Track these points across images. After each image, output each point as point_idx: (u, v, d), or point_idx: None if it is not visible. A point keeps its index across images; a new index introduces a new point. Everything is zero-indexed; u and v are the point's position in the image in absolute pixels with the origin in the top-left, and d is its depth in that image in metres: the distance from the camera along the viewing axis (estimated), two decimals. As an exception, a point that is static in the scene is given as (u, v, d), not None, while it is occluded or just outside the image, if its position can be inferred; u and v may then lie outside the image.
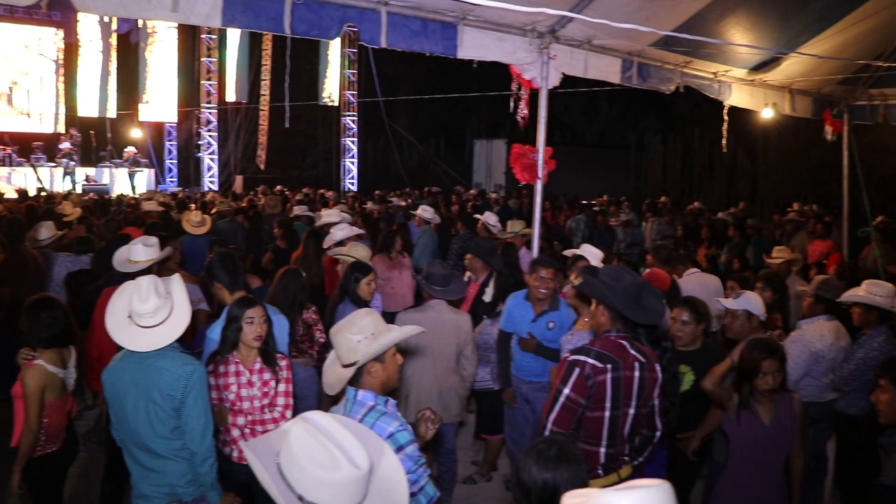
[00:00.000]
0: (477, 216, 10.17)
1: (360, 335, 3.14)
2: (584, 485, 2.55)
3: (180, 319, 3.70)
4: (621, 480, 3.76)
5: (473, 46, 5.94)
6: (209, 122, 25.35)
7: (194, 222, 9.05)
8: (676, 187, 25.79)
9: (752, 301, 4.96)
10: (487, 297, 6.72)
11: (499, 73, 6.47)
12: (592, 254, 6.42)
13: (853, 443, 5.21)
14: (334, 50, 26.05)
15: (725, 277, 7.06)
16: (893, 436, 3.73)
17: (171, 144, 26.12)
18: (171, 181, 25.65)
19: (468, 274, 7.18)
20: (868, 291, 5.19)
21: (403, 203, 16.13)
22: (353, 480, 2.11)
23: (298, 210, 12.64)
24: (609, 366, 3.63)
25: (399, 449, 3.05)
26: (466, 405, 6.06)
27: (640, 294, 3.71)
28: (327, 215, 9.97)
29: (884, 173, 19.24)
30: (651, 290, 3.79)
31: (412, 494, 3.06)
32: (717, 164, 24.83)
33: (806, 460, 4.21)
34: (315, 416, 2.25)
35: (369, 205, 15.51)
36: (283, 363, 4.40)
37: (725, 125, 8.39)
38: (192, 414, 3.62)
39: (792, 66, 8.32)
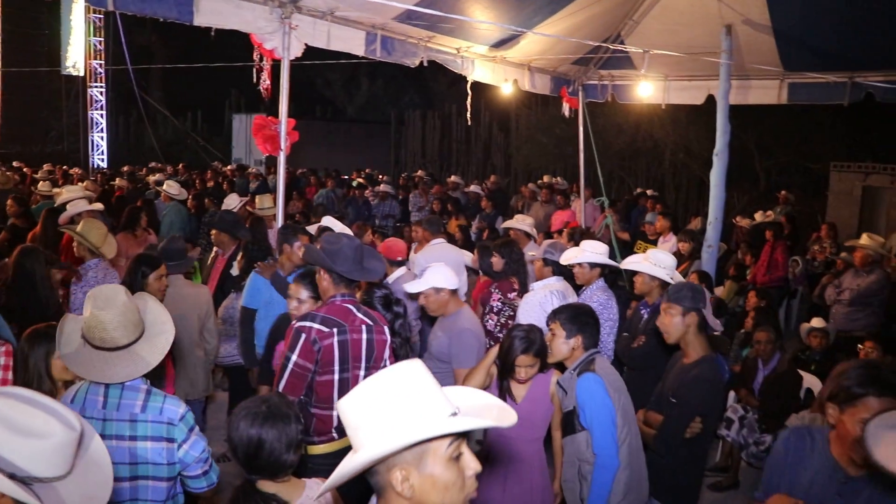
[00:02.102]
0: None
1: None
2: (293, 442, 2.60)
3: None
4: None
5: (211, 13, 5.69)
6: (-74, 90, 22.68)
7: None
8: (435, 161, 26.57)
9: (436, 276, 4.82)
10: (235, 270, 6.60)
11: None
12: (335, 225, 6.47)
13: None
14: (78, 14, 24.04)
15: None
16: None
17: None
18: None
19: (216, 249, 7.04)
20: (584, 250, 5.62)
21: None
22: (69, 442, 2.01)
23: (43, 187, 11.82)
24: (335, 329, 3.69)
25: (191, 430, 3.06)
26: (213, 379, 5.94)
27: (359, 255, 3.80)
28: (67, 192, 9.40)
29: (619, 148, 20.92)
30: (371, 252, 3.90)
31: (204, 472, 3.12)
32: (474, 139, 25.84)
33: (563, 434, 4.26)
34: (8, 388, 2.11)
35: (118, 181, 14.71)
36: (3, 349, 4.07)
37: (469, 100, 8.71)
38: None
39: (529, 45, 8.76)
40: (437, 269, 4.86)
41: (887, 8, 7.35)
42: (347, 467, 1.80)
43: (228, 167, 20.03)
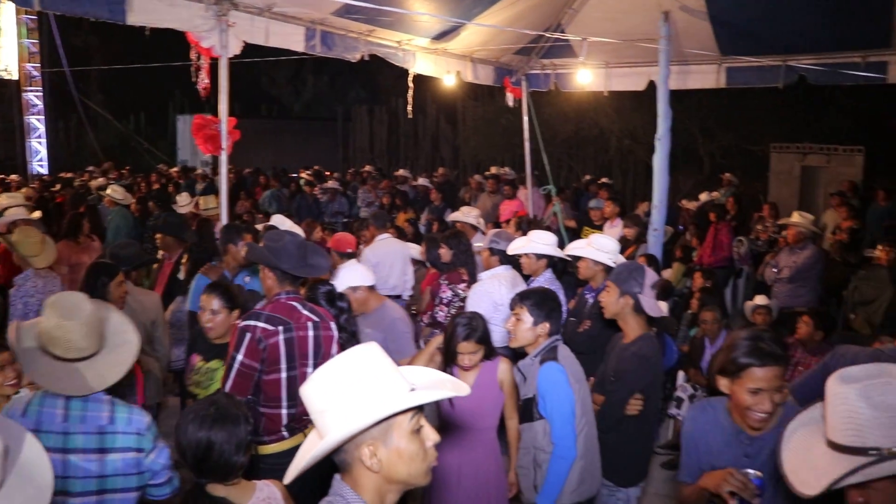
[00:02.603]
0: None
1: None
2: (243, 443, 2.59)
3: None
4: (309, 440, 3.84)
5: (144, 12, 5.58)
6: None
7: None
8: (384, 156, 26.52)
9: (350, 275, 4.81)
10: (182, 274, 6.53)
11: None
12: (285, 223, 6.43)
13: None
14: (7, 16, 23.33)
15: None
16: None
17: None
18: None
19: (162, 253, 6.96)
20: (531, 241, 5.64)
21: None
22: None
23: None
24: (280, 328, 3.69)
25: (156, 438, 3.05)
26: (163, 386, 5.86)
27: (303, 252, 3.79)
28: (8, 198, 9.28)
29: (566, 136, 21.10)
30: (314, 249, 3.90)
31: (169, 479, 3.12)
32: (422, 132, 25.86)
33: (518, 421, 4.21)
34: None
35: (58, 188, 14.45)
36: None
37: (412, 93, 8.72)
38: None
39: (471, 36, 8.78)
40: (349, 269, 4.88)
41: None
42: (319, 449, 1.89)
43: (173, 169, 19.74)
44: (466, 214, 8.13)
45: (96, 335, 2.96)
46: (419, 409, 1.96)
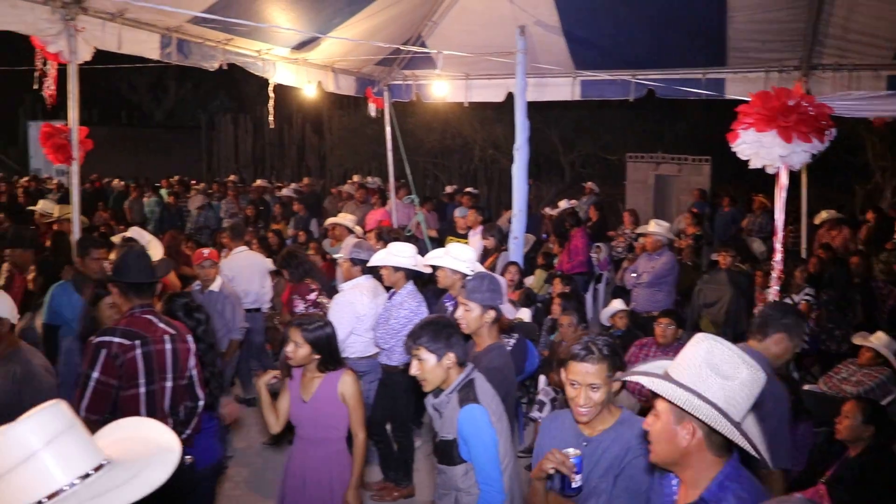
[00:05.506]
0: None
1: None
2: None
3: None
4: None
5: (-17, 12, 5.36)
6: None
7: None
8: (249, 165, 26.07)
9: None
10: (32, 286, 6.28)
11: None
12: (140, 235, 6.26)
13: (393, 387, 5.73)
14: None
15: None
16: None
17: None
18: None
19: (7, 268, 6.65)
20: (390, 253, 5.66)
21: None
22: None
23: None
24: (137, 342, 3.62)
25: None
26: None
27: (143, 262, 3.76)
28: None
29: (431, 146, 21.36)
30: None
31: None
32: (288, 142, 25.57)
33: (366, 437, 4.14)
34: None
35: None
36: None
37: (272, 102, 8.65)
38: None
39: (331, 47, 8.80)
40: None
41: (657, 12, 8.04)
42: None
43: (24, 179, 18.76)
44: (343, 218, 8.25)
45: None
46: None
